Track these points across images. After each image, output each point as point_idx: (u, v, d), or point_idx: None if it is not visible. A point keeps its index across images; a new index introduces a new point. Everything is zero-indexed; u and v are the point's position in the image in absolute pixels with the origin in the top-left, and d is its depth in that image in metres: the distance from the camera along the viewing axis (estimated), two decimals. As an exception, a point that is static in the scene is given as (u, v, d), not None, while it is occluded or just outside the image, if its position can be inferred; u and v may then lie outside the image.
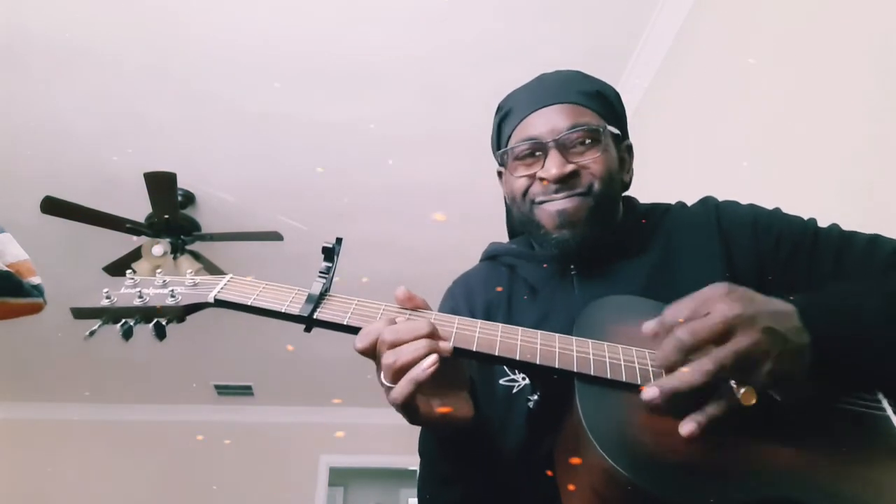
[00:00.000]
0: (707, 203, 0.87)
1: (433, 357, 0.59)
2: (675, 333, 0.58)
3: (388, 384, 0.60)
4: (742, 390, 0.55)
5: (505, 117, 0.90)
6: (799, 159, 1.60)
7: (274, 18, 2.38)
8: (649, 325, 0.63)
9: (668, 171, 2.26)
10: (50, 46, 2.45)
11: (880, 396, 0.64)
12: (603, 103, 0.86)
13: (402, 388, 0.59)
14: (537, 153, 0.82)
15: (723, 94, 2.03)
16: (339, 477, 6.82)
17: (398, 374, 0.59)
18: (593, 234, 0.81)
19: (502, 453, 0.73)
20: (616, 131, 0.86)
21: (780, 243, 0.78)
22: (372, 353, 0.61)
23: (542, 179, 0.81)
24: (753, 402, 0.54)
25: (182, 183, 3.06)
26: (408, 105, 2.79)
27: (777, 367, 0.56)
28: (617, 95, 0.91)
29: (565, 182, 0.80)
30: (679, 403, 0.58)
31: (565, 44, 2.45)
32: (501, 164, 0.90)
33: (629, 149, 0.91)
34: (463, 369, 0.68)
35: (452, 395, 0.66)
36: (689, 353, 0.57)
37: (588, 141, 0.81)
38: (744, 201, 0.87)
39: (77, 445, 5.44)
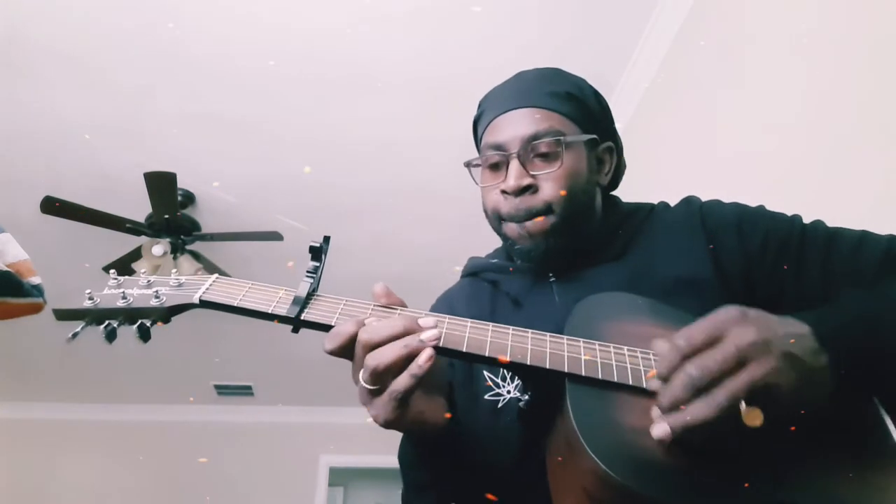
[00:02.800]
0: (691, 203, 0.86)
1: (427, 353, 0.59)
2: (686, 369, 0.55)
3: (368, 386, 0.60)
4: (747, 410, 0.53)
5: (479, 118, 0.89)
6: (798, 159, 1.60)
7: (273, 21, 2.38)
8: (662, 364, 0.58)
9: (668, 170, 2.26)
10: (50, 47, 2.45)
11: (876, 401, 0.64)
12: (575, 105, 0.83)
13: (403, 381, 0.59)
14: (502, 163, 0.82)
15: (723, 94, 2.03)
16: (339, 477, 6.81)
17: (382, 375, 0.59)
18: (560, 246, 0.80)
19: (492, 467, 0.71)
20: (586, 137, 0.83)
21: (767, 242, 0.77)
22: (342, 354, 0.61)
23: (503, 192, 0.80)
24: (758, 423, 0.52)
25: (182, 183, 3.06)
26: (406, 106, 2.79)
27: (796, 393, 0.54)
28: (594, 94, 0.88)
29: (522, 194, 0.79)
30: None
31: (565, 45, 2.46)
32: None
33: (610, 150, 0.89)
34: (440, 374, 0.67)
35: (427, 398, 0.64)
36: (700, 390, 0.54)
37: (549, 152, 0.80)
38: (746, 202, 0.86)
39: (77, 445, 5.44)
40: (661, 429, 0.56)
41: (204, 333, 4.31)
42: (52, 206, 2.81)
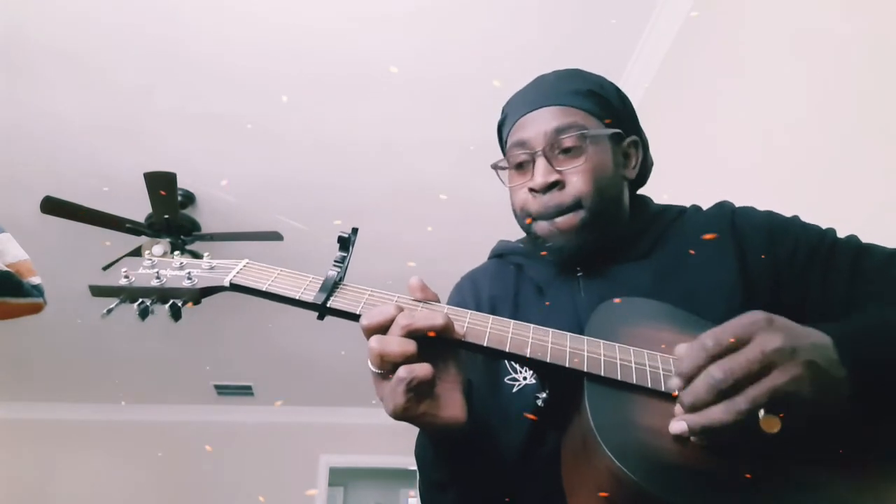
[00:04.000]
0: (723, 208, 0.86)
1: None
2: (710, 371, 0.55)
3: (376, 370, 0.61)
4: (765, 418, 0.53)
5: (503, 122, 0.91)
6: (799, 159, 1.60)
7: (273, 21, 2.38)
8: (687, 363, 0.57)
9: (668, 170, 2.26)
10: (50, 47, 2.45)
11: None
12: (597, 102, 0.84)
13: (424, 370, 0.59)
14: (528, 162, 0.82)
15: (723, 94, 2.03)
16: (339, 477, 6.82)
17: (386, 360, 0.60)
18: (589, 242, 0.80)
19: (502, 453, 0.72)
20: (610, 131, 0.84)
21: (797, 251, 0.76)
22: (375, 332, 0.61)
23: (531, 190, 0.81)
24: (776, 430, 0.52)
25: (182, 183, 3.07)
26: (406, 106, 2.79)
27: (814, 402, 0.54)
28: (616, 91, 0.88)
29: (550, 191, 0.79)
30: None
31: (565, 44, 2.45)
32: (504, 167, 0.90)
33: (636, 144, 0.89)
34: (459, 370, 0.67)
35: (443, 395, 0.64)
36: (723, 393, 0.54)
37: (573, 147, 0.80)
38: (746, 203, 0.86)
39: (77, 445, 5.44)
40: (678, 426, 0.57)
41: (204, 333, 4.31)
42: (52, 206, 2.82)
